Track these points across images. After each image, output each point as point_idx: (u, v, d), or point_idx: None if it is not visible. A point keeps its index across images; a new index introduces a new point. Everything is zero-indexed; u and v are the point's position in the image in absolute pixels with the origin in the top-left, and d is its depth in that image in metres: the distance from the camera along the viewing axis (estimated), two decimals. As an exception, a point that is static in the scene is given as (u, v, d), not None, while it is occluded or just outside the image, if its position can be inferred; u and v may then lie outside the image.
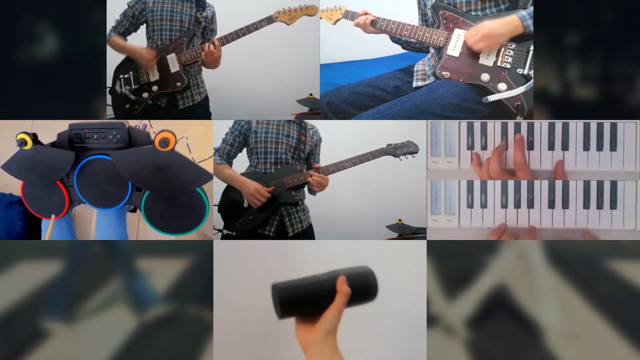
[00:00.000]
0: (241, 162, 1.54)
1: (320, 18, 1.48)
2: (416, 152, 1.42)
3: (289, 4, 1.46)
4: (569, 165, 1.31)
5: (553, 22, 1.40)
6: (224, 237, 1.49)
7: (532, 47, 1.33)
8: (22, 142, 1.18)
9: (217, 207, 1.51)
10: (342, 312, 0.81)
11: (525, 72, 1.33)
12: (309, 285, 0.82)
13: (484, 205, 1.33)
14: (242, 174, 1.50)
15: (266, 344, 1.39)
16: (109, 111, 1.54)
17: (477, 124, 1.33)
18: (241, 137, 1.52)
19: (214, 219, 1.50)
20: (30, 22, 1.46)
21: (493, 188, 1.33)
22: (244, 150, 1.55)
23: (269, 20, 1.46)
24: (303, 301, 0.81)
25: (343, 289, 0.81)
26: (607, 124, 1.32)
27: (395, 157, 1.44)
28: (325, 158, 1.59)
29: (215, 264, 1.39)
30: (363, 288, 0.84)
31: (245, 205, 1.49)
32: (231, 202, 1.50)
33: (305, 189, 1.52)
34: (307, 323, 0.81)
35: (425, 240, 1.37)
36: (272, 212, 1.49)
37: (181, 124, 1.54)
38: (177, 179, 1.17)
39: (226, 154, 1.52)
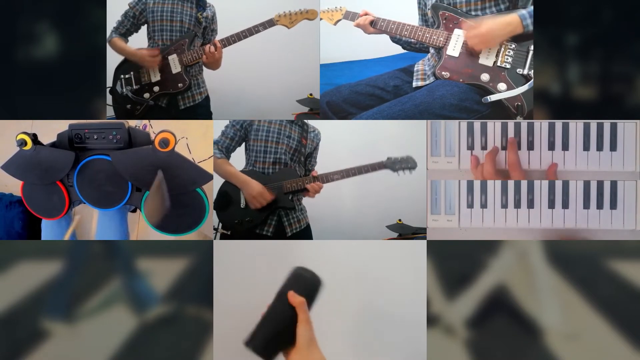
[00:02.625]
0: (236, 162, 1.54)
1: (321, 19, 1.48)
2: (414, 168, 1.44)
3: (290, 7, 1.46)
4: (569, 165, 1.31)
5: (553, 22, 1.40)
6: (222, 237, 1.49)
7: (532, 47, 1.33)
8: (22, 142, 1.18)
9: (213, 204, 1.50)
10: (310, 320, 0.85)
11: (525, 72, 1.33)
12: (270, 321, 0.86)
13: (484, 205, 1.33)
14: (241, 171, 1.50)
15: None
16: (109, 111, 1.54)
17: (477, 124, 1.33)
18: (242, 132, 1.51)
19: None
20: (30, 22, 1.46)
21: (493, 188, 1.33)
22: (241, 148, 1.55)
23: (270, 23, 1.46)
24: (277, 338, 0.85)
25: (297, 300, 0.85)
26: (607, 124, 1.32)
27: (394, 171, 1.45)
28: (325, 158, 1.59)
29: (215, 264, 1.39)
30: (308, 286, 0.88)
31: (242, 205, 1.48)
32: (227, 201, 1.49)
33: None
34: (289, 347, 0.85)
35: (425, 240, 1.37)
36: (270, 213, 1.49)
37: (181, 124, 1.54)
38: (177, 179, 1.17)
39: (225, 148, 1.51)
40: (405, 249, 1.41)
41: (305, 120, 1.53)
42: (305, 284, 0.88)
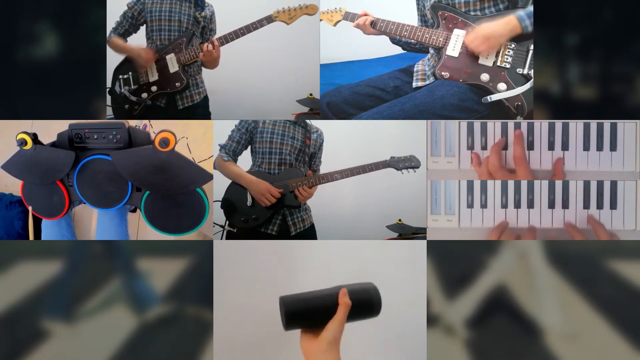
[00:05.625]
0: (243, 162, 1.54)
1: (321, 20, 1.48)
2: (418, 167, 1.44)
3: (289, 3, 1.46)
4: (569, 165, 1.31)
5: (553, 22, 1.40)
6: (228, 236, 1.49)
7: (531, 47, 1.33)
8: (22, 142, 1.18)
9: (220, 202, 1.51)
10: (344, 323, 0.84)
11: (525, 71, 1.33)
12: (314, 299, 0.86)
13: (484, 205, 1.33)
14: (247, 172, 1.50)
15: (266, 344, 1.39)
16: (109, 111, 1.54)
17: (477, 124, 1.33)
18: (247, 135, 1.52)
19: (215, 214, 1.50)
20: (30, 22, 1.46)
21: (493, 188, 1.33)
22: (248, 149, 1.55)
23: (269, 19, 1.46)
24: (308, 314, 0.84)
25: (344, 300, 0.84)
26: (607, 124, 1.32)
27: (397, 170, 1.46)
28: (326, 158, 1.59)
29: (215, 264, 1.39)
30: (365, 302, 0.87)
31: (249, 203, 1.49)
32: (235, 199, 1.50)
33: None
34: (311, 334, 0.84)
35: (425, 240, 1.37)
36: (275, 212, 1.49)
37: (181, 124, 1.54)
38: (177, 179, 1.17)
39: (232, 151, 1.52)
40: (405, 249, 1.41)
41: (308, 121, 1.54)
42: (365, 300, 0.87)
